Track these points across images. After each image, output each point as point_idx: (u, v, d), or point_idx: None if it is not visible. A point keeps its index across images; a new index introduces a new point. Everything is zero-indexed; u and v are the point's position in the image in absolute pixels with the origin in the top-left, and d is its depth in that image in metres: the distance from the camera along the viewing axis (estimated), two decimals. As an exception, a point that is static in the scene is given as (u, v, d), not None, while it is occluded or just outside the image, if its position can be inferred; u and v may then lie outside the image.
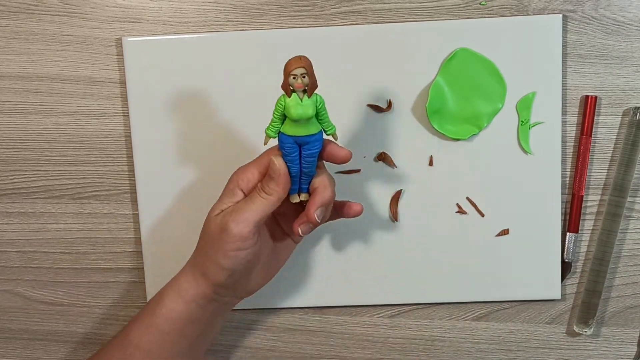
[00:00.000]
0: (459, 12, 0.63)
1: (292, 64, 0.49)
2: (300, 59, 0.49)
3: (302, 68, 0.49)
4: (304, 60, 0.49)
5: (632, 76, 0.63)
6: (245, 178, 0.54)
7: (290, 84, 0.49)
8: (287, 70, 0.49)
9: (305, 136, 0.51)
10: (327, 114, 0.52)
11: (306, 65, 0.49)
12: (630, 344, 0.67)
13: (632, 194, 0.64)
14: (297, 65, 0.49)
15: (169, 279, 0.65)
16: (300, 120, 0.50)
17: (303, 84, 0.49)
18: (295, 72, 0.49)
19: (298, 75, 0.49)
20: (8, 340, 0.69)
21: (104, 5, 0.64)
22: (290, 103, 0.50)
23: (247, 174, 0.54)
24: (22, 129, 0.66)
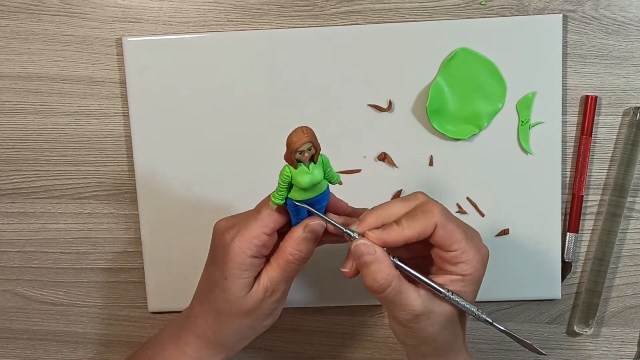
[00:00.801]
0: (459, 12, 0.63)
1: (296, 141, 0.46)
2: (304, 133, 0.46)
3: (308, 142, 0.46)
4: (307, 133, 0.46)
5: (632, 76, 0.63)
6: (253, 246, 0.50)
7: (297, 159, 0.47)
8: (292, 148, 0.46)
9: (315, 197, 0.49)
10: (331, 168, 0.50)
11: (311, 137, 0.47)
12: (630, 344, 0.67)
13: (632, 194, 0.64)
14: (303, 141, 0.46)
15: (169, 279, 0.65)
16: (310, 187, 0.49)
17: (310, 155, 0.47)
18: (302, 148, 0.47)
19: (305, 150, 0.47)
20: (8, 340, 0.69)
21: (104, 5, 0.64)
22: (298, 173, 0.48)
23: (253, 240, 0.50)
24: (22, 129, 0.66)
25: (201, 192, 0.65)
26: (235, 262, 0.50)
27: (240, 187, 0.64)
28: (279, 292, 0.52)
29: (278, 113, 0.64)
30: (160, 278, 0.66)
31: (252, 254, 0.50)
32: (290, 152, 0.47)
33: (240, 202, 0.64)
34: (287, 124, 0.63)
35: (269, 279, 0.51)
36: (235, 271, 0.51)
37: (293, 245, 0.51)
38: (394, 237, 0.48)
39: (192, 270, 0.65)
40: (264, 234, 0.50)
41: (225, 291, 0.51)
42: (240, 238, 0.50)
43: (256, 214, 0.51)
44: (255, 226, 0.50)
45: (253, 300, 0.51)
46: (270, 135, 0.64)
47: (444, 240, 0.48)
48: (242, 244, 0.50)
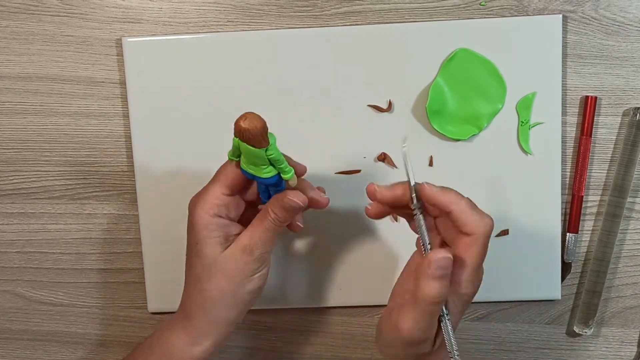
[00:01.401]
0: (459, 13, 0.63)
1: (236, 130, 0.48)
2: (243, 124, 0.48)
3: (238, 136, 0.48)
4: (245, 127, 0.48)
5: (632, 76, 0.63)
6: (214, 205, 0.53)
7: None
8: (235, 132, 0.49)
9: (259, 177, 0.51)
10: (285, 164, 0.51)
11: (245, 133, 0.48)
12: (630, 344, 0.67)
13: (632, 194, 0.64)
14: (236, 132, 0.48)
15: (169, 278, 0.65)
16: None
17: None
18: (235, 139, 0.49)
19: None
20: (8, 340, 0.69)
21: (104, 6, 0.64)
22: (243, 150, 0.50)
23: (212, 200, 0.53)
24: (22, 130, 0.66)
25: (201, 192, 0.65)
26: (201, 225, 0.52)
27: (240, 187, 0.64)
28: (257, 251, 0.52)
29: (278, 113, 0.64)
30: (160, 278, 0.66)
31: (215, 212, 0.53)
32: (235, 133, 0.49)
33: (240, 203, 0.65)
34: (286, 124, 0.64)
35: (248, 236, 0.53)
36: (203, 232, 0.52)
37: (272, 207, 0.52)
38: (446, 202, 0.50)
39: (192, 271, 0.65)
40: (222, 194, 0.53)
41: (200, 255, 0.53)
42: (200, 201, 0.53)
43: (213, 179, 0.54)
44: (212, 188, 0.53)
45: (229, 258, 0.52)
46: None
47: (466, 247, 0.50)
48: (203, 205, 0.53)
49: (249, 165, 0.51)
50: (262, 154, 0.49)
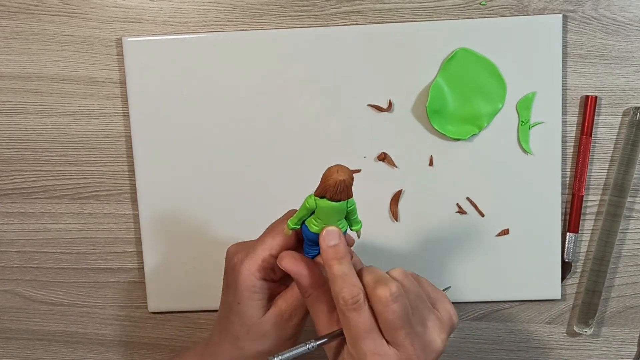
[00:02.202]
0: (459, 12, 0.63)
1: (331, 186, 0.46)
2: (341, 179, 0.46)
3: (343, 188, 0.46)
4: (344, 180, 0.46)
5: (632, 76, 0.63)
6: (261, 268, 0.51)
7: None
8: (324, 189, 0.46)
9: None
10: (357, 215, 0.49)
11: (347, 183, 0.46)
12: (630, 344, 0.67)
13: (632, 194, 0.64)
14: (336, 189, 0.46)
15: (168, 278, 0.65)
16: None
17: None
18: (333, 192, 0.46)
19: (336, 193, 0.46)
20: (8, 340, 0.69)
21: (104, 6, 0.64)
22: (324, 209, 0.47)
23: (260, 262, 0.51)
24: (22, 129, 0.66)
25: (201, 192, 0.65)
26: (245, 285, 0.51)
27: (240, 186, 0.64)
28: (295, 318, 0.52)
29: (278, 113, 0.64)
30: (160, 278, 0.66)
31: (261, 276, 0.51)
32: (323, 191, 0.47)
33: (240, 201, 0.65)
34: (286, 123, 0.64)
35: (284, 302, 0.52)
36: (246, 294, 0.51)
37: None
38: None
39: (192, 270, 0.65)
40: (271, 256, 0.51)
41: (240, 315, 0.52)
42: (248, 261, 0.51)
43: (263, 237, 0.52)
44: (262, 248, 0.51)
45: (268, 324, 0.51)
46: (270, 135, 0.64)
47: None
48: (250, 266, 0.51)
49: (322, 224, 0.48)
50: (344, 207, 0.47)
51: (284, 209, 0.54)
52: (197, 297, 0.66)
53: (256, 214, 0.64)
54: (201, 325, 0.67)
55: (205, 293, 0.65)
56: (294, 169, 0.64)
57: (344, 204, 0.47)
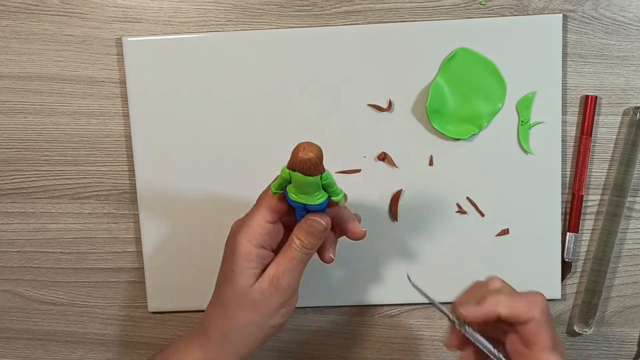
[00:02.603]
0: (459, 12, 0.63)
1: (296, 161, 0.47)
2: (305, 154, 0.47)
3: (308, 165, 0.47)
4: (310, 156, 0.47)
5: (632, 76, 0.63)
6: (257, 234, 0.52)
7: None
8: (292, 164, 0.48)
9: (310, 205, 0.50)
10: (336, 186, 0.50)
11: (311, 161, 0.47)
12: (630, 344, 0.67)
13: (632, 193, 0.64)
14: (301, 165, 0.47)
15: (168, 279, 0.65)
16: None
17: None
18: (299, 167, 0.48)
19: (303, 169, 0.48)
20: (8, 340, 0.69)
21: (104, 5, 0.64)
22: (295, 179, 0.49)
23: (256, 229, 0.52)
24: (22, 129, 0.66)
25: (201, 191, 0.65)
26: (241, 253, 0.52)
27: (240, 186, 0.64)
28: (284, 282, 0.52)
29: (278, 113, 0.64)
30: (160, 278, 0.66)
31: (257, 242, 0.52)
32: (292, 166, 0.48)
33: (240, 201, 0.64)
34: (286, 123, 0.64)
35: (274, 267, 0.52)
36: (242, 262, 0.52)
37: (296, 234, 0.52)
38: (486, 310, 0.48)
39: (192, 270, 0.65)
40: (266, 222, 0.52)
41: (233, 283, 0.52)
42: (244, 229, 0.52)
43: (256, 206, 0.53)
44: (257, 216, 0.52)
45: (258, 291, 0.52)
46: (270, 135, 0.64)
47: (531, 337, 0.47)
48: (246, 233, 0.52)
49: (300, 194, 0.50)
50: (318, 181, 0.48)
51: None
52: (197, 297, 0.66)
53: (256, 213, 0.64)
54: (201, 325, 0.67)
55: (205, 293, 0.65)
56: (294, 168, 0.64)
57: (317, 179, 0.48)
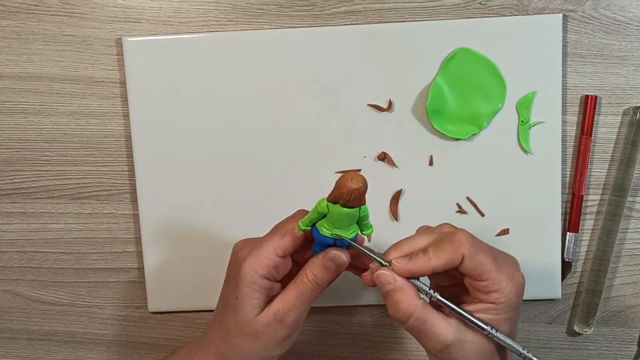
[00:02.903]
0: (459, 12, 0.63)
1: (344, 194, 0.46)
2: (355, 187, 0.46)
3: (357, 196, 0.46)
4: (359, 188, 0.46)
5: (632, 76, 0.63)
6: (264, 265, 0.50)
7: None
8: (338, 197, 0.46)
9: (341, 241, 0.49)
10: (369, 220, 0.49)
11: (361, 192, 0.46)
12: (630, 344, 0.67)
13: (632, 193, 0.64)
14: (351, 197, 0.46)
15: (168, 279, 0.65)
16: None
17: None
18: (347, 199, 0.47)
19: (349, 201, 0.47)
20: (8, 340, 0.69)
21: (104, 5, 0.64)
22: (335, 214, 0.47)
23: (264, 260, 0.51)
24: (22, 129, 0.66)
25: (201, 192, 0.65)
26: (246, 281, 0.50)
27: (240, 186, 0.64)
28: (289, 319, 0.51)
29: (278, 113, 0.64)
30: (160, 278, 0.66)
31: (263, 273, 0.50)
32: (336, 198, 0.47)
33: (240, 201, 0.65)
34: (286, 123, 0.64)
35: (281, 302, 0.51)
36: (245, 290, 0.51)
37: (310, 268, 0.51)
38: (420, 266, 0.48)
39: (192, 270, 0.65)
40: (276, 255, 0.51)
41: (236, 311, 0.51)
42: (252, 257, 0.51)
43: (270, 235, 0.52)
44: (267, 246, 0.51)
45: (261, 323, 0.51)
46: (270, 135, 0.64)
47: (472, 271, 0.48)
48: (253, 262, 0.50)
49: (334, 228, 0.48)
50: (356, 214, 0.47)
51: (285, 209, 0.54)
52: (197, 297, 0.66)
53: (256, 213, 0.64)
54: (201, 325, 0.67)
55: (205, 293, 0.65)
56: (294, 168, 0.64)
57: (357, 211, 0.47)
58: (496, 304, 0.48)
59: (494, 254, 0.49)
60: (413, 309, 0.47)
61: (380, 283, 0.48)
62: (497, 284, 0.48)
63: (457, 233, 0.49)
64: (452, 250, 0.48)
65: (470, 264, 0.47)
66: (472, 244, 0.48)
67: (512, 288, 0.48)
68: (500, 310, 0.48)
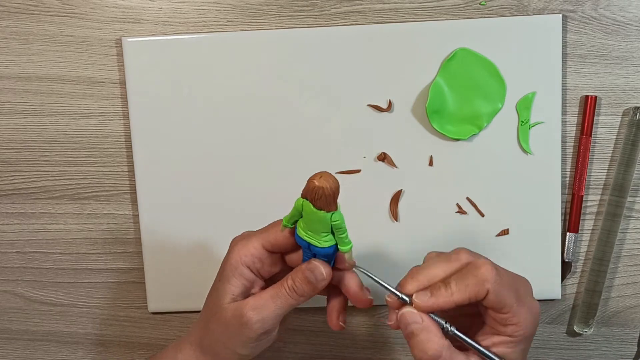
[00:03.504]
0: (459, 12, 0.63)
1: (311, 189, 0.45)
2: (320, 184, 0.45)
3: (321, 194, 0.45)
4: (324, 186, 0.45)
5: (632, 76, 0.63)
6: (249, 254, 0.51)
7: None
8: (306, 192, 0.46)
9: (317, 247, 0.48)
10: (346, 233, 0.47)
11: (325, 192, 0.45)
12: (630, 344, 0.67)
13: (632, 194, 0.64)
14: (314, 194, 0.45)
15: (169, 278, 0.65)
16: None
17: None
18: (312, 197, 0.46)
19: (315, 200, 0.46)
20: (8, 340, 0.69)
21: (104, 6, 0.64)
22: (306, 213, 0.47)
23: (250, 249, 0.51)
24: (22, 130, 0.66)
25: (201, 192, 0.65)
26: (229, 264, 0.51)
27: (240, 186, 0.64)
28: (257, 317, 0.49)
29: (278, 113, 0.64)
30: (160, 278, 0.66)
31: (246, 261, 0.51)
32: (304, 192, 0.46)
33: (240, 201, 0.65)
34: (286, 123, 0.64)
35: (255, 298, 0.50)
36: (227, 273, 0.51)
37: (292, 275, 0.50)
38: (443, 301, 0.46)
39: (192, 270, 0.65)
40: (263, 247, 0.51)
41: (212, 293, 0.52)
42: (241, 244, 0.51)
43: (263, 229, 0.52)
44: (257, 238, 0.51)
45: (230, 313, 0.50)
46: (270, 135, 0.64)
47: (495, 305, 0.46)
48: (240, 249, 0.51)
49: (307, 231, 0.48)
50: (327, 219, 0.46)
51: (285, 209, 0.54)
52: (197, 297, 0.65)
53: (256, 213, 0.64)
54: (201, 325, 0.67)
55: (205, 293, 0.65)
56: (294, 168, 0.64)
57: (327, 216, 0.46)
58: (514, 336, 0.47)
59: (515, 285, 0.47)
60: (441, 351, 0.45)
61: (406, 322, 0.46)
62: (517, 317, 0.46)
63: (481, 267, 0.46)
64: (476, 286, 0.45)
65: (494, 299, 0.46)
66: (495, 279, 0.46)
67: (531, 320, 0.47)
68: (517, 343, 0.47)
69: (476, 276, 0.46)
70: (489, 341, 0.47)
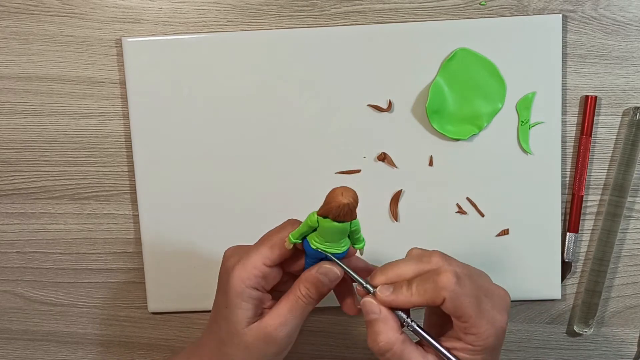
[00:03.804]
0: (459, 12, 0.63)
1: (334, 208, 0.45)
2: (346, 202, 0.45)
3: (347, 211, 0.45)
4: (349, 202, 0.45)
5: (632, 76, 0.63)
6: (252, 275, 0.49)
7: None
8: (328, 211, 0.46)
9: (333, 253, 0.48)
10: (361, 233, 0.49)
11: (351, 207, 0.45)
12: (630, 344, 0.67)
13: (632, 194, 0.64)
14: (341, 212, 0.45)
15: (169, 279, 0.65)
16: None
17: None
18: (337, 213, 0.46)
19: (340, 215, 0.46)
20: (8, 340, 0.69)
21: (104, 6, 0.64)
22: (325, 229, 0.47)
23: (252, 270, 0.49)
24: (22, 130, 0.66)
25: (201, 192, 0.65)
26: (234, 291, 0.50)
27: (240, 186, 0.64)
28: (280, 334, 0.50)
29: (278, 113, 0.64)
30: (160, 278, 0.66)
31: (251, 284, 0.49)
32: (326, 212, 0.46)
33: (240, 201, 0.65)
34: (286, 123, 0.64)
35: (273, 316, 0.50)
36: (235, 300, 0.50)
37: (304, 283, 0.50)
38: (401, 300, 0.47)
39: (192, 271, 0.65)
40: (264, 265, 0.49)
41: (227, 320, 0.50)
42: (240, 266, 0.50)
43: (258, 245, 0.50)
44: (256, 256, 0.50)
45: (252, 336, 0.50)
46: (270, 136, 0.64)
47: (452, 312, 0.47)
48: (241, 272, 0.49)
49: (324, 242, 0.47)
50: (347, 228, 0.47)
51: (285, 210, 0.54)
52: (197, 297, 0.66)
53: (256, 213, 0.64)
54: (201, 325, 0.67)
55: (205, 293, 0.65)
56: (294, 168, 0.64)
57: (347, 225, 0.47)
58: (474, 345, 0.47)
59: (478, 296, 0.48)
60: (392, 343, 0.47)
61: (366, 311, 0.48)
62: (476, 327, 0.47)
63: (442, 274, 0.47)
64: (433, 292, 0.47)
65: (451, 307, 0.47)
66: (454, 289, 0.46)
67: (492, 332, 0.47)
68: (476, 352, 0.48)
69: (435, 282, 0.47)
70: (451, 344, 0.48)
